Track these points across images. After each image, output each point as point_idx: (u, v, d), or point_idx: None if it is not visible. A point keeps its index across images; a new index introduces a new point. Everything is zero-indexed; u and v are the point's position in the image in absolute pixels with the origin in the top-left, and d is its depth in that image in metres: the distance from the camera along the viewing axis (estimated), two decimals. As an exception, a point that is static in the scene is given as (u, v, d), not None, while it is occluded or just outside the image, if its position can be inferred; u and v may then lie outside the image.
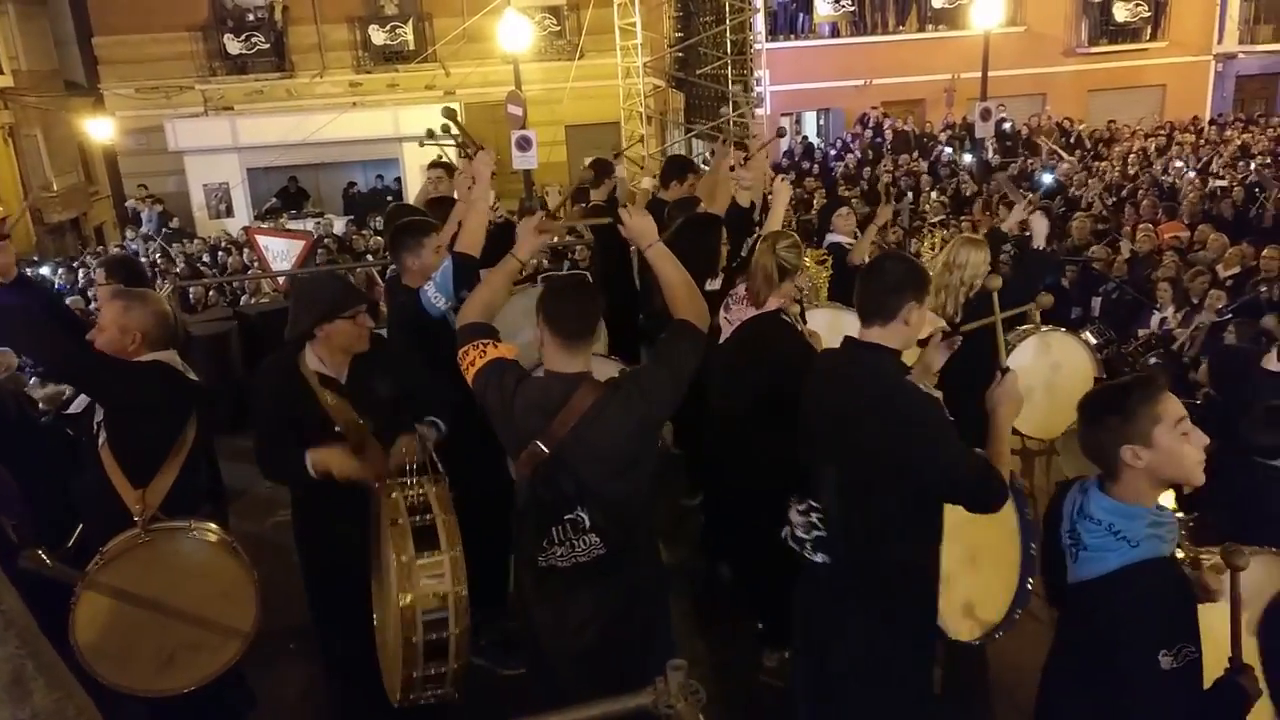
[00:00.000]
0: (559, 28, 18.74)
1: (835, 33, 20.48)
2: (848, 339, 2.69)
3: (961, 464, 2.49)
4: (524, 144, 14.84)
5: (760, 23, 18.05)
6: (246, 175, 18.08)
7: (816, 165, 17.58)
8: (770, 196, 4.85)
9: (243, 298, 10.33)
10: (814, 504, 2.67)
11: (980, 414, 2.62)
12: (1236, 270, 8.59)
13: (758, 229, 4.68)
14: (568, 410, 2.48)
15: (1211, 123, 19.41)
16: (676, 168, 5.62)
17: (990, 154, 17.27)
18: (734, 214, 4.74)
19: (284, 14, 18.61)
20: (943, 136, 19.06)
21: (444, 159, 5.55)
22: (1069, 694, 2.34)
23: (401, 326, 3.71)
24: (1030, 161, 16.50)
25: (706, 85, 16.43)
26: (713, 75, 16.43)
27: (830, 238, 5.87)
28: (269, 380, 3.21)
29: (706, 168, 7.74)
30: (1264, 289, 7.33)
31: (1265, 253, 8.54)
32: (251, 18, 18.53)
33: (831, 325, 4.34)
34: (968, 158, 16.75)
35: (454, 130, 4.30)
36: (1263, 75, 21.94)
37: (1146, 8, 20.64)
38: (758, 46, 17.11)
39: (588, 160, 7.04)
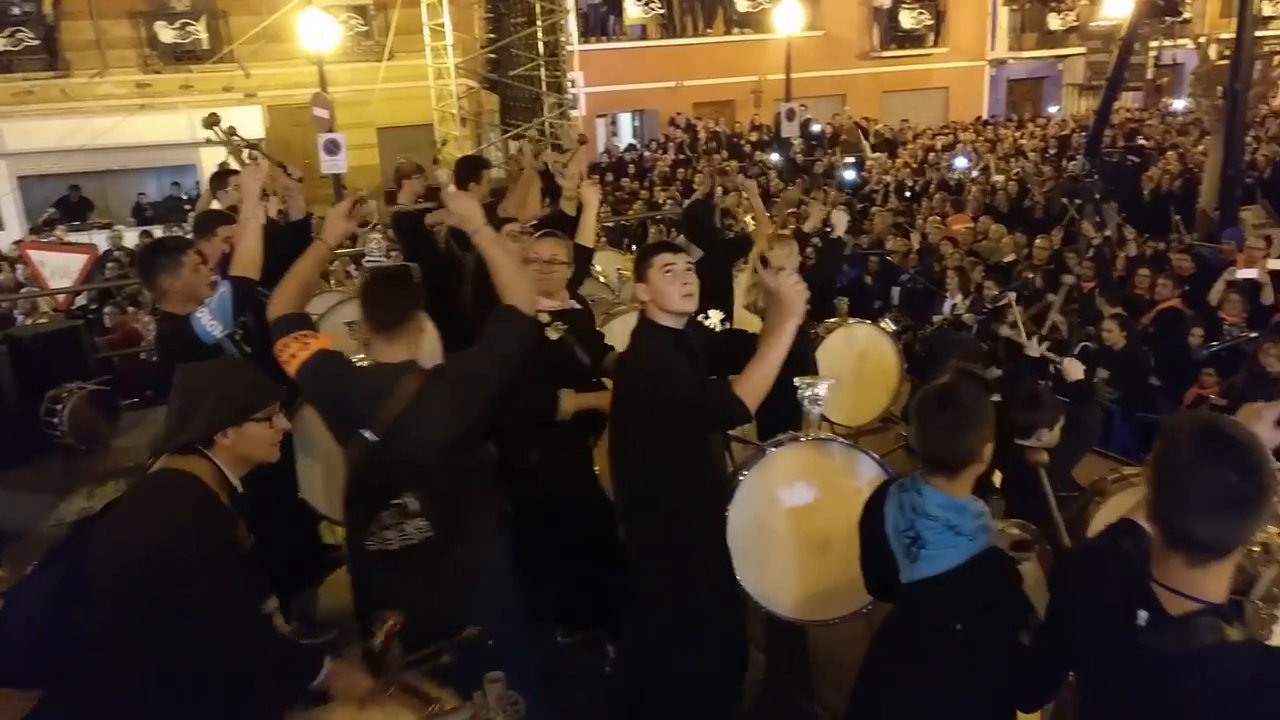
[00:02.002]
0: (366, 27, 18.13)
1: (645, 35, 20.86)
2: (639, 315, 3.01)
3: (698, 395, 2.77)
4: (332, 148, 14.28)
5: (572, 24, 18.14)
6: (18, 184, 16.46)
7: (633, 166, 17.85)
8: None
9: (19, 318, 9.41)
10: None
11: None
12: (1012, 257, 9.39)
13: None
14: (394, 399, 2.55)
15: (987, 123, 21.11)
16: (470, 167, 5.45)
17: (796, 153, 18.09)
18: (559, 221, 4.72)
19: (55, 7, 17.05)
20: (753, 136, 19.82)
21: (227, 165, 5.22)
22: (910, 684, 2.41)
23: (171, 358, 3.35)
24: (834, 159, 17.39)
25: (521, 87, 16.34)
26: (526, 77, 16.36)
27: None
28: (198, 536, 2.17)
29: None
30: (1030, 274, 8.05)
31: (1036, 242, 9.41)
32: (16, 11, 16.85)
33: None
34: (775, 157, 17.45)
35: (220, 138, 4.09)
36: (1029, 79, 24.11)
37: (929, 16, 22.21)
38: (570, 48, 17.19)
39: (398, 162, 6.88)
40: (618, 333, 4.85)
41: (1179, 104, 19.74)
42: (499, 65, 16.82)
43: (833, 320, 5.29)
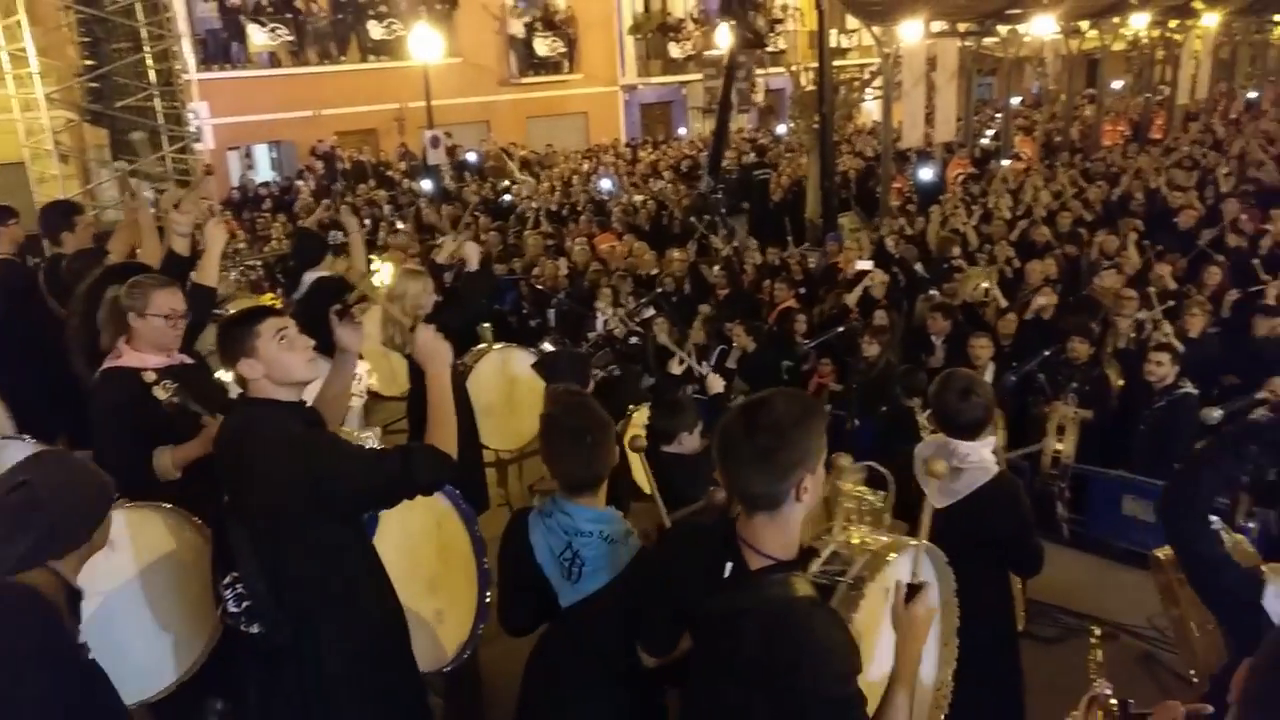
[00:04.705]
0: (-83, 50, 15.40)
1: (276, 62, 19.75)
2: (240, 396, 2.62)
3: (381, 466, 2.49)
4: (-112, 194, 11.95)
5: (188, 50, 16.71)
6: None
7: (270, 200, 16.83)
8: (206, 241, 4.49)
9: None
10: (235, 574, 2.54)
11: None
12: (656, 271, 10.03)
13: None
14: None
15: (627, 145, 22.45)
16: (59, 214, 4.90)
17: (447, 180, 18.04)
18: (172, 263, 4.32)
19: None
20: (401, 165, 19.49)
21: None
22: (580, 704, 2.48)
23: None
24: (484, 186, 17.54)
25: (131, 119, 14.75)
26: (138, 108, 14.78)
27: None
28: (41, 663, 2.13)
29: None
30: (663, 287, 8.76)
31: (674, 255, 10.13)
32: None
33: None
34: (426, 184, 17.28)
35: None
36: (659, 103, 25.99)
37: (562, 44, 23.18)
38: (187, 76, 15.79)
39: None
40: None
41: (782, 128, 22.19)
42: (103, 95, 15.05)
43: (479, 348, 5.32)
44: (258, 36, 19.09)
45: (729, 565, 1.93)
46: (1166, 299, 7.09)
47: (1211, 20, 20.07)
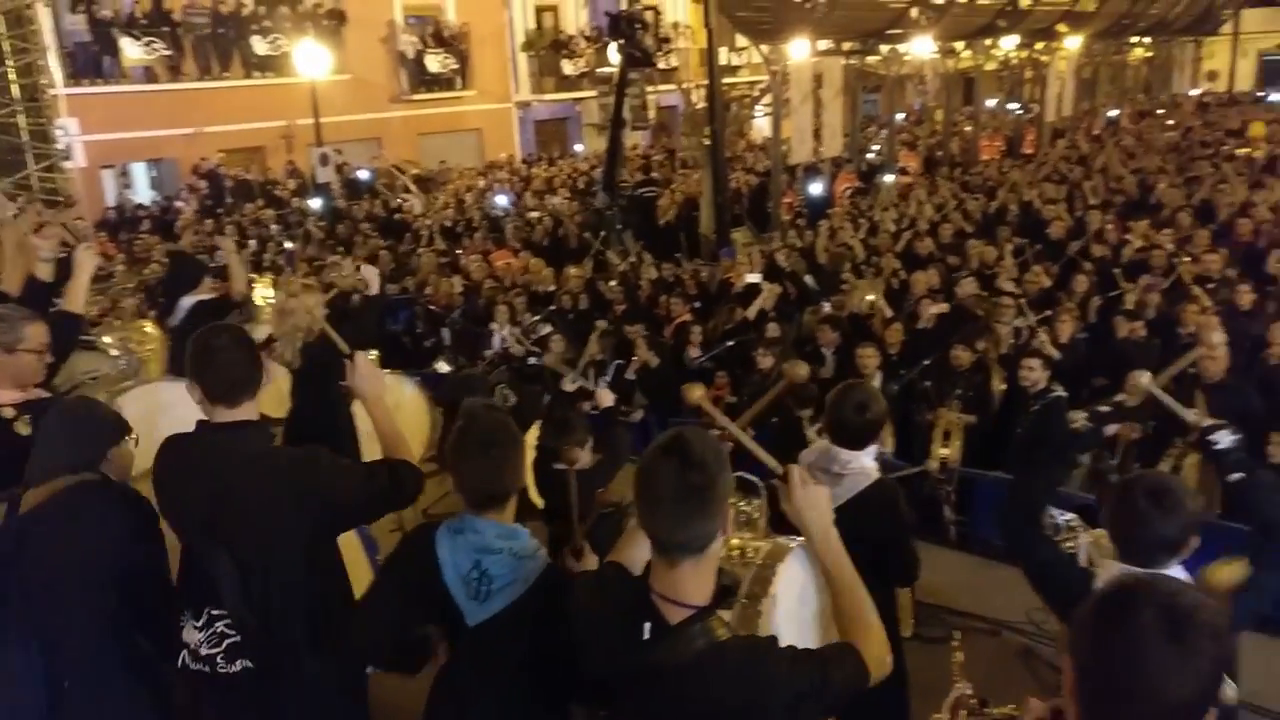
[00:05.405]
0: None
1: (153, 77, 18.96)
2: (201, 424, 2.54)
3: (374, 479, 2.56)
4: None
5: (54, 64, 15.92)
6: None
7: (150, 220, 16.15)
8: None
9: None
10: (215, 611, 2.45)
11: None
12: (553, 287, 10.02)
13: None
14: None
15: (523, 161, 22.39)
16: None
17: (338, 199, 17.64)
18: (32, 290, 4.11)
19: None
20: (290, 184, 18.96)
21: None
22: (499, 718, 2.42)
23: None
24: (375, 203, 17.21)
25: (-7, 136, 13.96)
26: (1, 125, 14.02)
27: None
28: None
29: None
30: (560, 304, 8.78)
31: (571, 271, 10.16)
32: None
33: (151, 408, 3.99)
34: (316, 203, 16.86)
35: None
36: (553, 120, 26.01)
37: (454, 60, 22.97)
38: (54, 91, 15.05)
39: None
40: (129, 414, 4.33)
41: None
42: (-39, 112, 14.21)
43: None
44: (131, 50, 18.26)
45: (647, 626, 1.85)
46: (1042, 307, 7.46)
47: (1074, 43, 21.31)
